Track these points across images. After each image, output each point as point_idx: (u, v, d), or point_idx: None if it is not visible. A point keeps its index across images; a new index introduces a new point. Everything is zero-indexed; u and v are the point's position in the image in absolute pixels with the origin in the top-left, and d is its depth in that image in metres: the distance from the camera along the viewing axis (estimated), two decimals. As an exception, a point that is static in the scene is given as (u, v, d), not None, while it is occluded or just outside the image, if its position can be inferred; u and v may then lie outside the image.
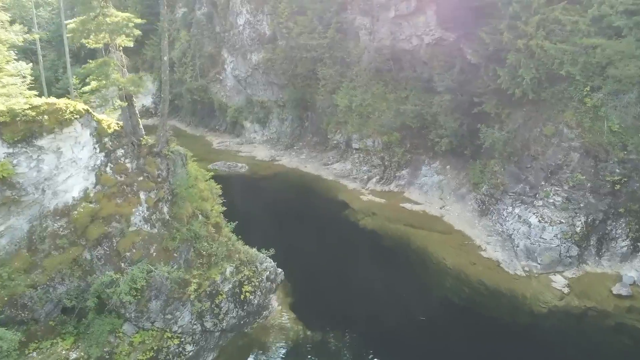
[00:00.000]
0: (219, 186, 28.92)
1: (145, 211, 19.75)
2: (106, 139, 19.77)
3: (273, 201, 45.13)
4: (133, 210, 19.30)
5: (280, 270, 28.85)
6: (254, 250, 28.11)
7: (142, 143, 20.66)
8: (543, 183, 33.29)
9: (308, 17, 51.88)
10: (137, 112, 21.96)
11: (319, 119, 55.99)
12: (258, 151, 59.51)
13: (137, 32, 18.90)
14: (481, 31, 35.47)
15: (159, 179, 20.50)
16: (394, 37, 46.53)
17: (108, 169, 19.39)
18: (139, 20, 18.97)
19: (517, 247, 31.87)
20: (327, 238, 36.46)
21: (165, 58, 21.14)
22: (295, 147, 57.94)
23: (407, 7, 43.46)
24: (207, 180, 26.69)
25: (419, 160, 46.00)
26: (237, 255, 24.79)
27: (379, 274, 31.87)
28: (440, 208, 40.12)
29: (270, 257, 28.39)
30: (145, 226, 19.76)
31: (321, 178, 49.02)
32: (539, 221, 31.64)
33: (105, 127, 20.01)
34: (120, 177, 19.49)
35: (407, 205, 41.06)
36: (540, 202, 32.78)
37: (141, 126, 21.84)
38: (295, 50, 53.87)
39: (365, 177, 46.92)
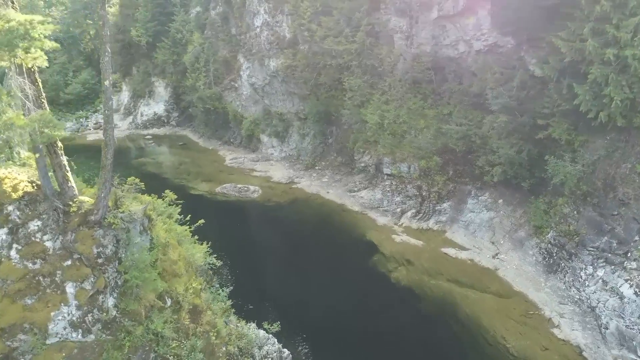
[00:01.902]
0: (204, 246, 22.41)
1: (74, 312, 13.37)
2: (10, 208, 13.40)
3: (286, 239, 38.45)
4: (52, 313, 12.94)
5: (286, 352, 22.22)
6: (252, 328, 21.58)
7: (73, 209, 14.30)
8: (637, 239, 25.54)
9: (334, 18, 45.13)
10: (65, 162, 15.46)
11: (345, 136, 49.12)
12: (275, 170, 53.01)
13: (52, 44, 12.53)
14: (554, 37, 27.93)
15: (100, 260, 14.07)
16: (436, 42, 39.43)
17: (13, 252, 13.11)
18: (52, 27, 12.53)
19: (605, 328, 24.24)
20: (350, 296, 29.58)
21: (107, 82, 14.62)
22: (316, 168, 51.17)
23: (454, 7, 36.28)
24: (191, 244, 20.12)
25: (464, 191, 38.63)
26: (225, 349, 18.11)
27: (416, 354, 24.73)
28: (493, 257, 32.67)
29: (274, 332, 22.04)
30: (74, 334, 13.37)
31: (345, 208, 42.10)
32: (636, 293, 23.93)
33: (9, 189, 13.61)
34: (34, 263, 13.17)
35: (451, 251, 33.73)
36: (635, 265, 25.06)
37: (72, 183, 15.36)
38: (319, 56, 47.26)
39: (399, 210, 39.77)
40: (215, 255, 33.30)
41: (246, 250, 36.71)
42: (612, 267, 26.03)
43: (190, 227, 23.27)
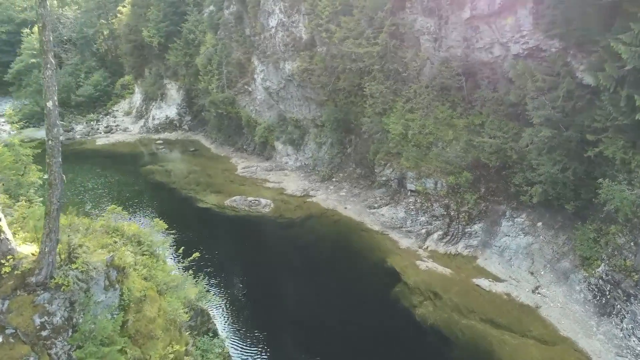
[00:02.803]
0: (200, 285, 19.21)
1: (5, 405, 10.28)
2: None
3: (297, 262, 35.02)
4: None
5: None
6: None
7: (6, 269, 11.08)
8: None
9: (354, 18, 41.66)
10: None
11: (365, 146, 45.57)
12: (289, 181, 49.71)
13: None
14: (613, 40, 23.96)
15: (44, 333, 10.90)
16: (468, 45, 35.65)
17: None
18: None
19: (678, 393, 20.25)
20: (368, 334, 26.11)
21: (51, 104, 11.40)
22: (333, 180, 47.70)
23: (490, 5, 32.44)
24: (177, 294, 16.84)
25: (498, 211, 34.75)
26: None
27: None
28: (533, 291, 28.77)
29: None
30: None
31: (364, 227, 38.54)
32: None
33: None
34: (-52, 343, 10.08)
35: (484, 283, 29.91)
36: None
37: (6, 234, 12.08)
38: (338, 59, 43.86)
39: (424, 231, 36.06)
40: (215, 290, 30.40)
41: (252, 274, 33.50)
42: (683, 315, 22.00)
43: (182, 262, 19.83)
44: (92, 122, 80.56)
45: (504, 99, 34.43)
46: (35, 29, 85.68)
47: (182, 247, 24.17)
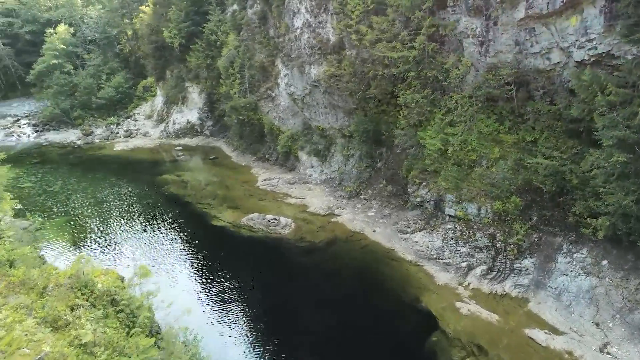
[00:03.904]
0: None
1: None
2: None
3: (317, 296, 30.92)
4: None
5: None
6: None
7: None
8: None
9: (388, 19, 37.45)
10: None
11: (397, 161, 41.26)
12: (312, 197, 45.77)
13: None
14: None
15: None
16: (520, 50, 31.04)
17: None
18: None
19: None
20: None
21: None
22: (361, 197, 43.49)
23: (550, 3, 27.74)
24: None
25: (553, 244, 29.95)
26: None
27: None
28: (601, 349, 24.00)
29: None
30: None
31: (395, 256, 34.24)
32: None
33: None
34: None
35: (539, 336, 25.25)
36: None
37: None
38: (368, 64, 39.74)
39: (464, 264, 31.53)
40: (221, 325, 26.64)
41: (265, 309, 29.63)
42: None
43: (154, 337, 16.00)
44: (112, 126, 78.51)
45: (563, 114, 29.66)
46: (59, 28, 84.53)
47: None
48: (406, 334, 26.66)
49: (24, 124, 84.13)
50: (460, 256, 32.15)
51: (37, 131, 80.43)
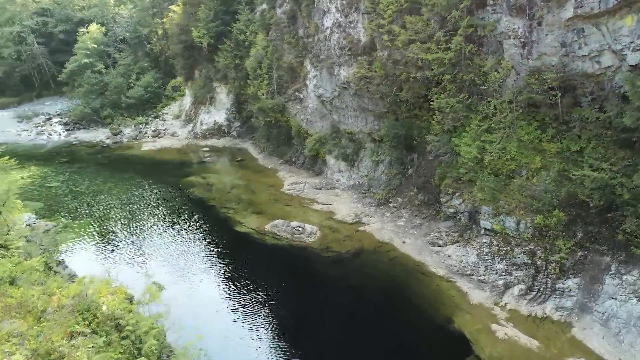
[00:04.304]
0: None
1: None
2: None
3: (341, 313, 29.30)
4: None
5: None
6: None
7: None
8: None
9: (422, 18, 35.60)
10: None
11: (429, 167, 39.34)
12: (340, 203, 44.24)
13: None
14: None
15: None
16: (567, 52, 28.77)
17: None
18: None
19: None
20: None
21: None
22: (390, 205, 41.71)
23: (602, 1, 25.43)
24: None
25: (600, 264, 27.58)
26: None
27: None
28: (655, 386, 21.64)
29: None
30: None
31: (425, 270, 32.40)
32: None
33: None
34: None
35: (585, 367, 23.06)
36: None
37: None
38: (401, 66, 37.99)
39: (501, 282, 29.45)
40: (240, 339, 25.26)
41: (284, 323, 28.28)
42: None
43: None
44: (140, 125, 78.64)
45: (614, 122, 27.29)
46: (91, 27, 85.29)
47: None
48: (437, 358, 24.84)
49: (56, 123, 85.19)
50: (496, 273, 30.06)
51: (67, 130, 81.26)
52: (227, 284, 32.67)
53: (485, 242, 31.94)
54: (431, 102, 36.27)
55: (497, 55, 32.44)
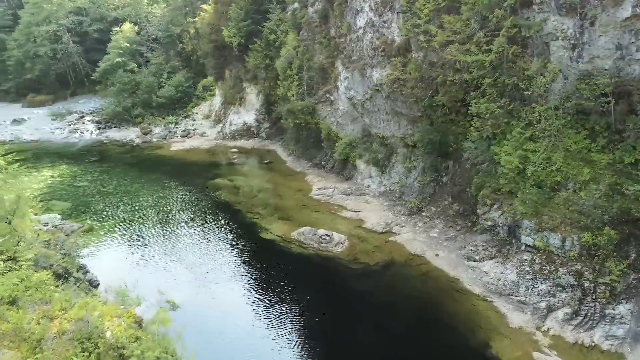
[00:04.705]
0: None
1: None
2: None
3: (368, 329, 27.56)
4: None
5: None
6: None
7: None
8: None
9: (462, 17, 33.61)
10: None
11: (465, 176, 37.21)
12: (369, 210, 42.53)
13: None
14: None
15: None
16: (622, 55, 26.43)
17: None
18: None
19: None
20: None
21: None
22: (423, 214, 39.76)
23: (667, -1, 23.00)
24: None
25: (656, 289, 25.07)
26: None
27: None
28: None
29: None
30: None
31: (460, 287, 30.40)
32: None
33: None
34: None
35: (640, 407, 20.73)
36: None
37: None
38: (437, 68, 36.11)
39: (544, 304, 27.22)
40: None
41: (310, 339, 26.80)
42: None
43: None
44: (170, 125, 78.52)
45: (675, 133, 24.78)
46: (124, 27, 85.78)
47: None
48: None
49: (88, 121, 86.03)
50: (538, 294, 27.81)
51: (99, 128, 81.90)
52: (250, 295, 31.40)
53: (526, 260, 29.70)
54: (469, 107, 34.16)
55: (543, 58, 30.11)
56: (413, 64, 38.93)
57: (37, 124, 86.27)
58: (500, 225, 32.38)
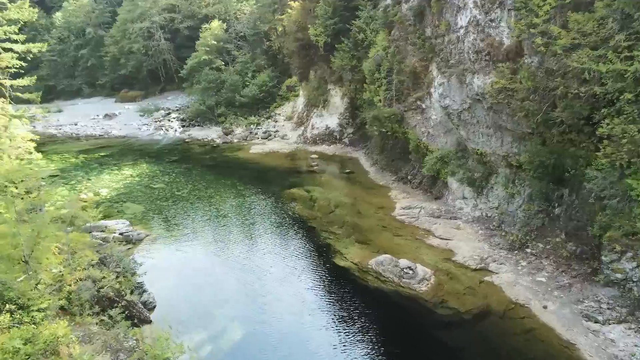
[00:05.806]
0: None
1: None
2: None
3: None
4: None
5: None
6: None
7: None
8: None
9: (594, 16, 27.05)
10: None
11: (586, 210, 30.48)
12: (461, 239, 37.04)
13: None
14: None
15: None
16: None
17: None
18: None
19: None
20: None
21: None
22: (528, 250, 33.56)
23: None
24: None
25: None
26: None
27: None
28: None
29: None
30: None
31: (577, 357, 24.17)
32: None
33: None
34: None
35: None
36: None
37: None
38: (557, 77, 29.77)
39: (698, 400, 20.50)
40: None
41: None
42: None
43: None
44: (252, 126, 76.78)
45: None
46: (213, 24, 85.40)
47: None
48: None
49: (174, 118, 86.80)
50: (690, 384, 21.19)
51: (183, 126, 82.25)
52: (313, 339, 27.29)
53: (672, 333, 23.01)
54: (596, 127, 27.59)
55: None
56: (525, 71, 32.67)
57: (127, 119, 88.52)
58: (635, 280, 25.69)
